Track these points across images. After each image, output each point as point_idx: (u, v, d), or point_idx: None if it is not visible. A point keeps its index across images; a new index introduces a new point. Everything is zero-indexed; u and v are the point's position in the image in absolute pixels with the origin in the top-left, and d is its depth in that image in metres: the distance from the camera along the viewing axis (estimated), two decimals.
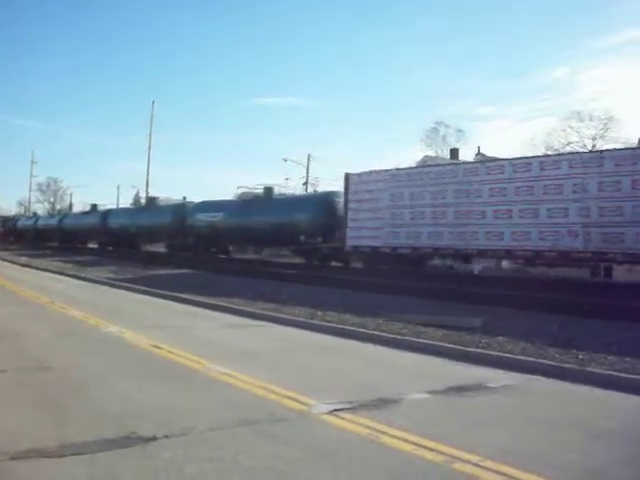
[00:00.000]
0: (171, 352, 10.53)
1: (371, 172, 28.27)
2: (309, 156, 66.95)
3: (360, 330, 13.01)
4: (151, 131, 68.67)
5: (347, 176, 29.01)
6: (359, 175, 28.64)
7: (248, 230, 36.39)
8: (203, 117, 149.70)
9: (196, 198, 46.91)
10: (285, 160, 69.79)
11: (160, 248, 50.69)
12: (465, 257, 25.47)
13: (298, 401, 7.50)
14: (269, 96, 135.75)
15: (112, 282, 24.55)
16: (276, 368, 9.70)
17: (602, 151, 24.62)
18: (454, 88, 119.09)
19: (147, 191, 66.79)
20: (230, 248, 43.60)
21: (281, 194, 44.19)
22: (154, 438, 5.94)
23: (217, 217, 38.98)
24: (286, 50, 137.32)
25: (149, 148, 68.71)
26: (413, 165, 50.96)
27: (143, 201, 66.92)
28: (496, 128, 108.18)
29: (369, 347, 11.83)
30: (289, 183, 71.12)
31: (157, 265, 34.90)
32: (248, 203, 38.83)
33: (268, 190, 39.22)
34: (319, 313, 15.13)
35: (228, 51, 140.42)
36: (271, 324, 14.59)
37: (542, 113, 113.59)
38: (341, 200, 30.02)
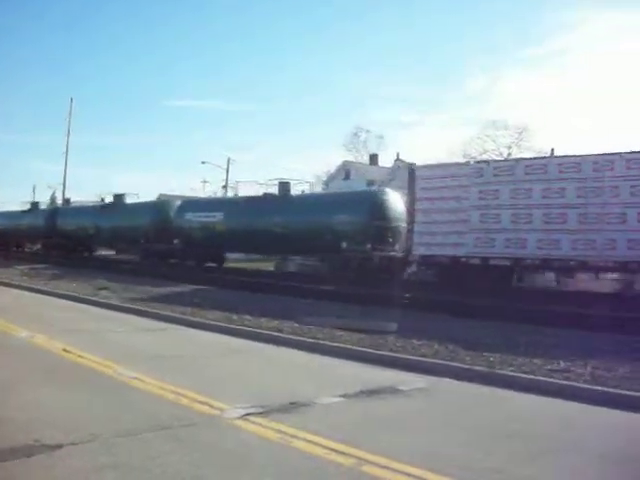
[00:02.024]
0: (81, 357, 10.29)
1: (450, 165, 24.39)
2: (229, 159, 66.42)
3: (276, 334, 13.00)
4: (69, 130, 66.53)
5: (412, 169, 24.51)
6: (431, 168, 24.20)
7: (260, 234, 30.49)
8: (119, 118, 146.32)
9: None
10: (204, 163, 69.05)
11: (116, 254, 46.28)
12: (595, 269, 20.74)
13: (210, 405, 7.45)
14: (188, 98, 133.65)
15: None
16: (188, 372, 9.59)
17: None
18: (377, 94, 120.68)
19: (64, 192, 64.76)
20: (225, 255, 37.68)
21: (309, 192, 38.80)
22: (60, 446, 5.77)
23: (215, 218, 33.60)
24: (204, 52, 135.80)
25: (67, 148, 66.55)
26: (333, 170, 51.01)
27: (60, 202, 63.21)
28: (417, 135, 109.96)
29: (284, 351, 11.84)
30: (207, 187, 70.66)
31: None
32: (259, 202, 32.45)
33: (284, 186, 32.67)
34: (235, 317, 15.03)
35: (143, 52, 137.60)
36: (185, 328, 14.43)
37: (462, 121, 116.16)
38: (388, 199, 26.94)
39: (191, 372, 9.68)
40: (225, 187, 66.34)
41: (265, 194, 33.50)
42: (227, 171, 65.85)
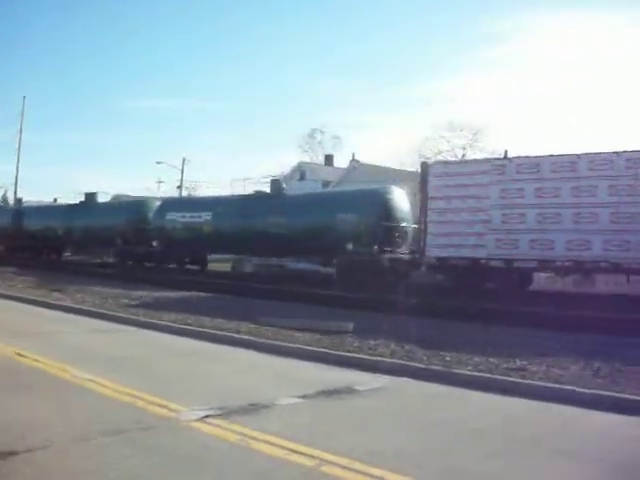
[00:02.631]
0: (37, 360, 10.06)
1: (466, 161, 23.16)
2: (184, 159, 65.94)
3: (232, 335, 12.92)
4: (21, 127, 65.14)
5: (425, 166, 23.06)
6: (445, 165, 23.05)
7: (255, 235, 28.89)
8: (69, 117, 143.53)
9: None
10: (159, 163, 68.37)
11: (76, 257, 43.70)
12: (628, 272, 19.25)
13: (167, 408, 7.36)
14: (143, 98, 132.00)
15: None
16: (145, 374, 9.48)
17: None
18: (333, 96, 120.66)
19: (16, 192, 63.35)
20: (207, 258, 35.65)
21: (306, 192, 36.09)
22: (14, 453, 5.61)
23: (201, 218, 31.81)
24: (158, 52, 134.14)
25: (19, 146, 65.05)
26: (288, 171, 50.83)
27: (12, 202, 61.10)
28: (372, 136, 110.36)
29: (241, 352, 11.77)
30: (162, 187, 69.99)
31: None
32: (252, 201, 30.84)
33: (276, 183, 31.50)
34: (191, 319, 14.90)
35: (96, 52, 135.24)
36: (141, 329, 14.25)
37: (417, 123, 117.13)
38: (393, 197, 25.88)
39: (148, 374, 9.56)
40: (180, 187, 65.87)
41: (258, 192, 31.91)
42: (182, 171, 65.41)
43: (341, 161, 62.51)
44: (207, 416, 7.06)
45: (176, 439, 6.33)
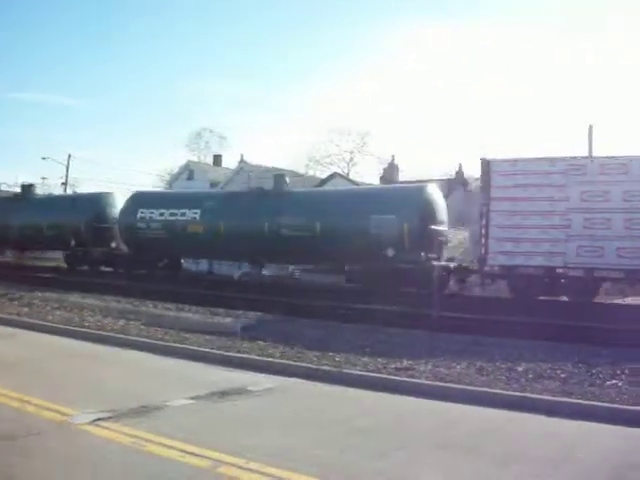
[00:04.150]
0: None
1: (538, 160, 19.78)
2: (70, 156, 63.76)
3: (121, 336, 12.74)
4: None
5: (487, 164, 20.34)
6: (512, 163, 19.95)
7: (261, 238, 24.74)
8: None
9: None
10: (44, 159, 65.75)
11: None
12: None
13: (58, 412, 7.23)
14: (26, 91, 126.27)
15: None
16: (33, 378, 9.21)
17: None
18: (222, 96, 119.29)
19: None
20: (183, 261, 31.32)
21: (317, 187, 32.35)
22: None
23: (185, 217, 27.21)
24: (46, 45, 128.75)
25: None
26: (176, 170, 50.01)
27: None
28: (264, 138, 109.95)
29: (131, 353, 11.63)
30: (47, 182, 67.36)
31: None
32: (255, 198, 26.42)
33: (280, 178, 27.36)
34: (76, 319, 14.57)
35: None
36: (25, 331, 13.78)
37: (309, 125, 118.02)
38: (436, 197, 23.04)
39: (37, 377, 9.32)
40: (65, 184, 63.72)
41: (259, 189, 27.69)
42: (67, 168, 63.20)
43: (229, 162, 62.28)
44: (99, 419, 6.99)
45: (68, 444, 6.24)
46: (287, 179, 27.67)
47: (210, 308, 17.00)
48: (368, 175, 54.02)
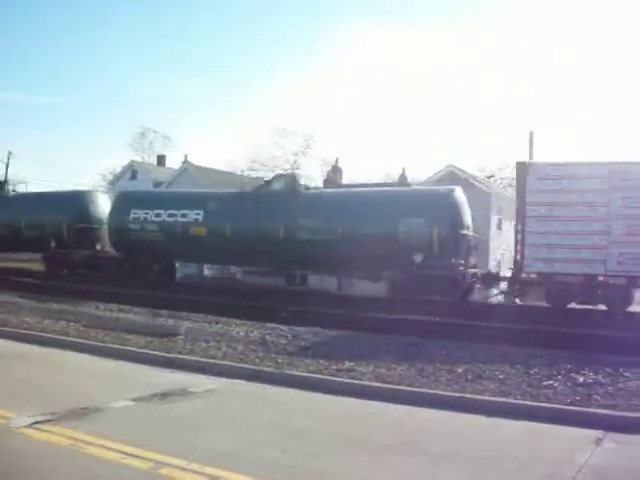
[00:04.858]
0: None
1: (577, 164, 19.16)
2: (10, 153, 62.24)
3: (61, 338, 12.56)
4: None
5: (523, 167, 19.53)
6: (550, 166, 19.26)
7: (275, 243, 23.12)
8: None
9: None
10: None
11: None
12: None
13: None
14: None
15: None
16: None
17: None
18: (166, 96, 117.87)
19: None
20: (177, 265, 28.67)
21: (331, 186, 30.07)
22: None
23: (186, 218, 25.24)
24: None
25: None
26: (119, 170, 49.23)
27: None
28: (209, 138, 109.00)
29: (71, 355, 11.48)
30: None
31: None
32: (266, 198, 24.55)
33: (290, 178, 25.81)
34: (14, 320, 14.29)
35: None
36: None
37: (254, 126, 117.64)
38: (463, 200, 22.05)
39: None
40: (5, 182, 62.13)
41: (269, 189, 25.53)
42: (7, 165, 61.64)
43: (173, 162, 61.71)
44: (38, 422, 6.89)
45: (6, 447, 6.16)
46: (302, 181, 26.21)
47: (152, 309, 16.83)
48: (312, 178, 54.19)
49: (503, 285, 21.19)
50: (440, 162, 45.34)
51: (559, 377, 9.72)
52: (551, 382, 9.46)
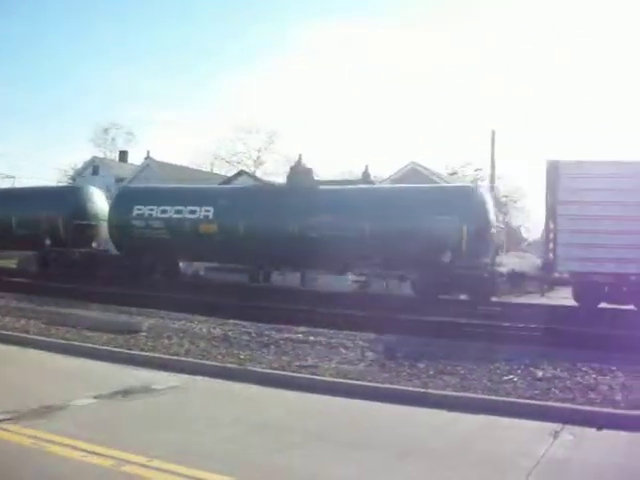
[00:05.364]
0: None
1: (610, 163, 18.84)
2: None
3: (22, 335, 12.41)
4: None
5: (554, 166, 19.07)
6: (582, 165, 19.01)
7: (290, 240, 22.19)
8: None
9: None
10: None
11: None
12: None
13: None
14: None
15: None
16: None
17: None
18: (129, 90, 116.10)
19: None
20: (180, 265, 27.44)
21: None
22: None
23: (195, 215, 24.31)
24: None
25: None
26: (80, 165, 48.65)
27: None
28: (171, 134, 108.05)
29: (31, 353, 11.33)
30: None
31: None
32: (280, 194, 24.08)
33: (305, 171, 24.41)
34: None
35: None
36: None
37: (215, 122, 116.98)
38: (486, 197, 21.41)
39: None
40: None
41: (284, 185, 24.85)
42: None
43: (136, 158, 61.15)
44: None
45: None
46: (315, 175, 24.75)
47: (118, 307, 16.68)
48: (275, 174, 54.25)
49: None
50: (403, 159, 45.58)
51: (519, 372, 9.89)
52: (511, 377, 9.63)
